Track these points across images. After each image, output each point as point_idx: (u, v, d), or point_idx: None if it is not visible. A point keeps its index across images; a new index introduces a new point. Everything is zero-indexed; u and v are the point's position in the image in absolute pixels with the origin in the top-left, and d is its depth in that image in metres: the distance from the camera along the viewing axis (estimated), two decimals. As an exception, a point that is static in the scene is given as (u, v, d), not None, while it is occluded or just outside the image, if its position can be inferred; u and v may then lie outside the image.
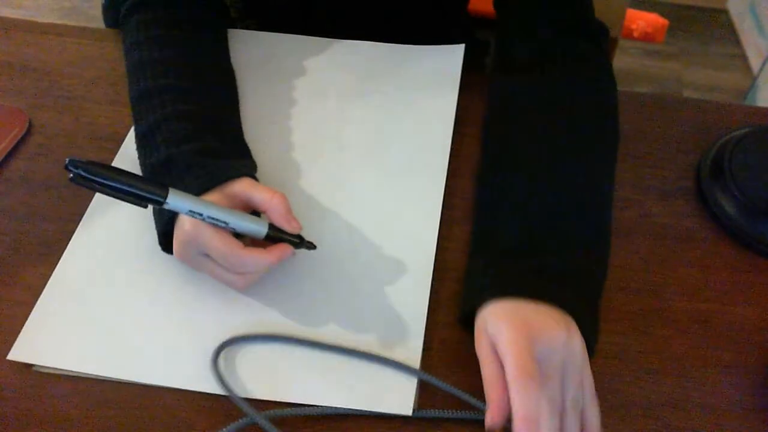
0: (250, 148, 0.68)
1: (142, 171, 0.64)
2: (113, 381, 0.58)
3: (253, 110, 0.75)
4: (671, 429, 0.56)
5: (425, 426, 0.56)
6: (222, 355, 0.58)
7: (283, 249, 0.59)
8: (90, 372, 0.58)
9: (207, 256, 0.58)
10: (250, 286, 0.60)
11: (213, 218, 0.56)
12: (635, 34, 1.26)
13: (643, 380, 0.59)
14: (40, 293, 0.62)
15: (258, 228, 0.58)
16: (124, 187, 0.52)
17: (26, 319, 0.61)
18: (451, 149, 0.71)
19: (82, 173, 0.50)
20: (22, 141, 0.74)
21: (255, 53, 0.81)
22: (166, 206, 0.54)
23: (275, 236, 0.59)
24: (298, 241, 0.60)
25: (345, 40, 0.82)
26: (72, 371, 0.58)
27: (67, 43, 0.84)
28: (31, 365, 0.59)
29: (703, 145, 0.74)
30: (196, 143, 0.62)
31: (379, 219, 0.67)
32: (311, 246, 0.62)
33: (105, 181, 0.51)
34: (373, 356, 0.58)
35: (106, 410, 0.56)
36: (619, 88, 0.72)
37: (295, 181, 0.70)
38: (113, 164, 0.71)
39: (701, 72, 2.06)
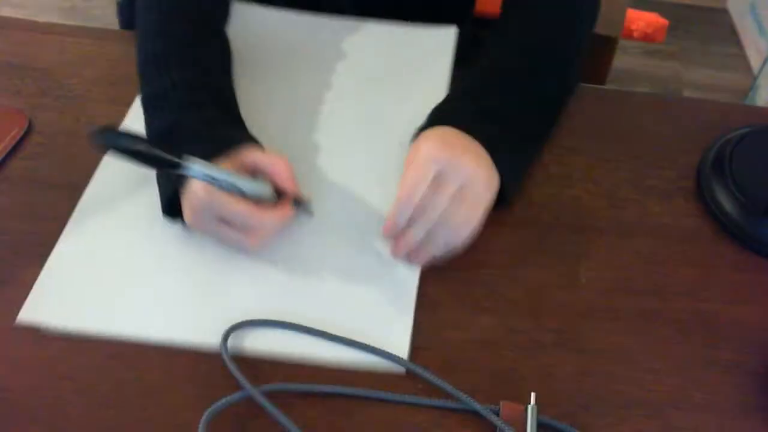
0: (245, 122, 0.70)
1: (147, 133, 0.67)
2: (113, 381, 0.58)
3: (246, 85, 0.76)
4: (671, 429, 0.56)
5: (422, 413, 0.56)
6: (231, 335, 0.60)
7: (288, 206, 0.63)
8: (97, 331, 0.59)
9: (220, 220, 0.61)
10: (260, 246, 0.63)
11: (230, 183, 0.59)
12: (635, 35, 1.26)
13: (643, 380, 0.59)
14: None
15: (263, 189, 0.61)
16: (147, 154, 0.55)
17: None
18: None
19: (107, 143, 0.54)
20: (22, 141, 0.74)
21: (246, 27, 0.82)
22: (184, 171, 0.57)
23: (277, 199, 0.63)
24: (299, 204, 0.64)
25: (336, 18, 0.83)
26: (80, 330, 0.59)
27: (67, 43, 0.84)
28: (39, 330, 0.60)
29: (703, 145, 0.74)
30: (200, 112, 0.65)
31: (374, 197, 0.68)
32: (309, 211, 0.65)
33: (129, 148, 0.54)
34: (360, 343, 0.59)
35: (106, 410, 0.56)
36: (619, 88, 0.72)
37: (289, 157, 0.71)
38: None
39: (701, 72, 2.06)
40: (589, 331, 0.61)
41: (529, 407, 0.55)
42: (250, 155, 0.63)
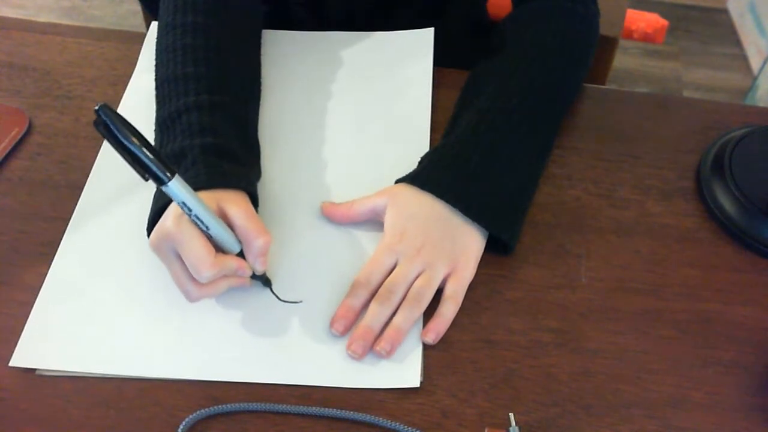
0: None
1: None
2: (113, 381, 0.58)
3: None
4: (671, 429, 0.56)
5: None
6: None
7: (243, 264, 0.59)
8: (92, 372, 0.58)
9: (176, 255, 0.57)
10: (202, 299, 0.59)
11: (198, 218, 0.56)
12: (635, 36, 1.26)
13: (643, 380, 0.59)
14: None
15: (232, 245, 0.58)
16: (138, 153, 0.52)
17: (26, 319, 0.61)
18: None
19: (108, 123, 0.50)
20: (22, 141, 0.74)
21: None
22: (164, 188, 0.54)
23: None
24: (261, 279, 0.61)
25: (315, 32, 0.82)
26: (74, 372, 0.58)
27: (67, 43, 0.84)
28: (34, 370, 0.58)
29: (703, 145, 0.74)
30: (210, 138, 0.63)
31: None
32: (268, 283, 0.61)
33: (124, 140, 0.51)
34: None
35: (106, 410, 0.56)
36: (619, 88, 0.72)
37: (280, 171, 0.71)
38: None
39: (701, 72, 2.06)
40: (589, 331, 0.61)
41: (511, 429, 0.55)
42: (235, 215, 0.59)
